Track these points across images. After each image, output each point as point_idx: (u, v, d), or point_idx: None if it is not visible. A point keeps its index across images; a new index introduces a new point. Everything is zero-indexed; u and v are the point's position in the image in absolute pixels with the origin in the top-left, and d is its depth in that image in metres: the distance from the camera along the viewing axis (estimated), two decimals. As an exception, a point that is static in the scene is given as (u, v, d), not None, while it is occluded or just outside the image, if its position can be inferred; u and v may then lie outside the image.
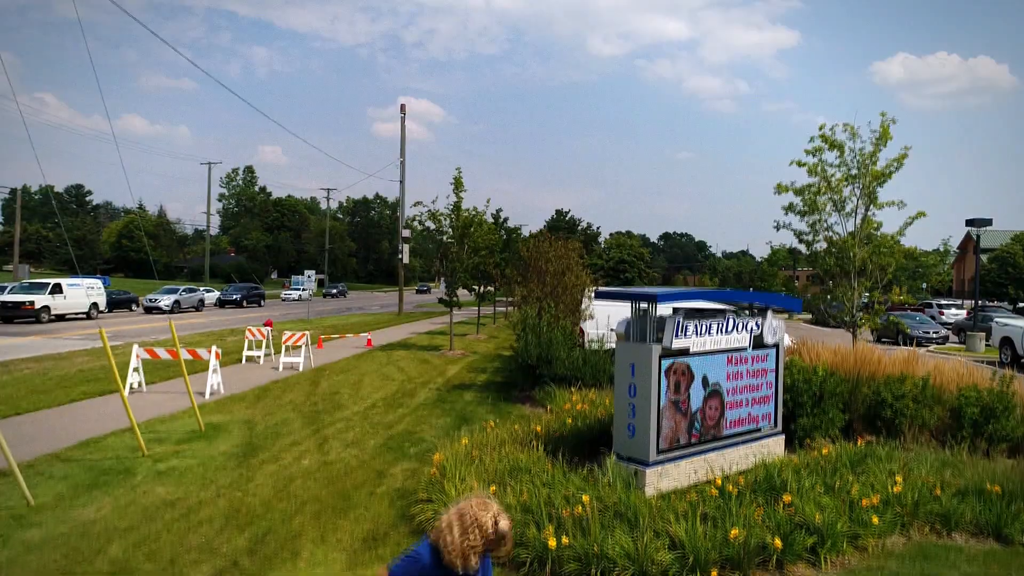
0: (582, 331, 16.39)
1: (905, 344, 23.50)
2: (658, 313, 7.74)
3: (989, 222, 27.07)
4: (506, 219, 34.66)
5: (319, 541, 6.72)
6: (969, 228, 27.49)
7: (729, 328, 8.29)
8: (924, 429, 9.74)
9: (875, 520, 6.55)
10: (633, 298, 7.75)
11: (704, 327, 7.96)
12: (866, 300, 13.21)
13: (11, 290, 31.84)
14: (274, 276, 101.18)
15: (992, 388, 10.10)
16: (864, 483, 7.29)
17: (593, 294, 16.77)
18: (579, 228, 61.02)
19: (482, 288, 28.57)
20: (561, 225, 58.07)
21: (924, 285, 68.81)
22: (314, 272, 35.33)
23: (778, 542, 5.84)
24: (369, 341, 24.47)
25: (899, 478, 7.36)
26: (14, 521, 7.11)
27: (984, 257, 54.02)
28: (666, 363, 7.73)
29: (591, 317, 15.41)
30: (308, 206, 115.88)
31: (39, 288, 31.60)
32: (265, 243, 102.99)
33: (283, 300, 58.77)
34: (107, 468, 9.02)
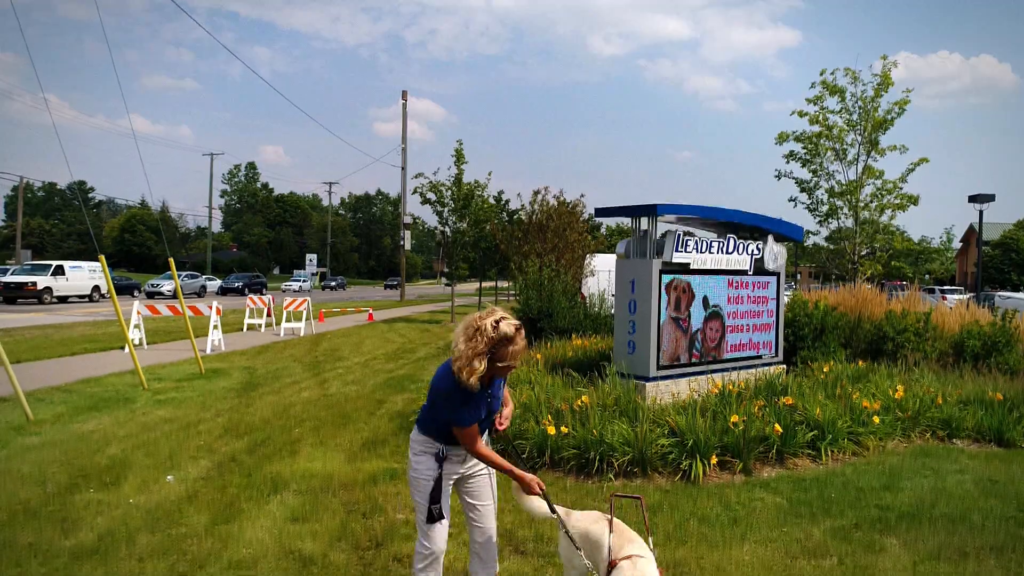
0: (583, 296, 16.36)
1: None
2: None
3: (992, 197, 26.92)
4: (507, 201, 34.55)
5: (318, 445, 6.71)
6: (972, 204, 27.36)
7: (730, 249, 8.26)
8: (926, 361, 9.69)
9: (876, 420, 6.52)
10: (633, 212, 7.72)
11: (705, 244, 7.93)
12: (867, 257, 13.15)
13: (13, 272, 31.88)
14: (276, 271, 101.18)
15: (995, 323, 10.06)
16: (865, 392, 7.25)
17: (594, 258, 16.75)
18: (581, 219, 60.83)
19: (483, 276, 28.53)
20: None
21: (927, 276, 68.66)
22: (315, 256, 35.25)
23: (778, 427, 5.82)
24: (371, 315, 24.47)
25: (900, 387, 7.32)
26: (14, 431, 7.11)
27: (986, 248, 53.90)
28: (666, 279, 7.70)
29: (592, 274, 15.38)
30: (310, 202, 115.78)
31: (41, 269, 31.59)
32: (267, 238, 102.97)
33: (283, 291, 58.86)
34: (107, 397, 9.02)
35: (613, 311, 8.76)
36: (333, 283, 73.34)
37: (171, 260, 10.38)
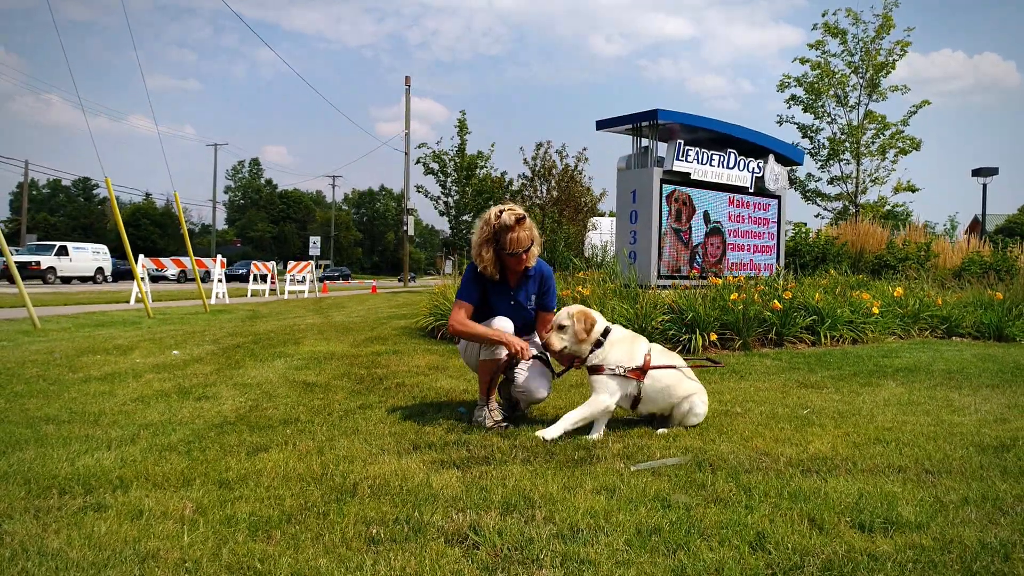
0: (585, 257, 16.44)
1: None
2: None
3: (995, 171, 26.91)
4: (511, 181, 34.53)
5: (322, 340, 6.77)
6: (976, 178, 27.29)
7: (730, 163, 8.30)
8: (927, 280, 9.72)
9: (875, 311, 6.55)
10: (635, 119, 7.77)
11: (705, 156, 7.98)
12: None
13: (17, 251, 31.99)
14: (279, 267, 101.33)
15: (996, 252, 10.10)
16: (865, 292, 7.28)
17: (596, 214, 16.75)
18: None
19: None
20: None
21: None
22: (319, 238, 35.30)
23: (777, 304, 5.86)
24: (374, 288, 24.58)
25: (899, 288, 7.36)
26: (21, 335, 7.19)
27: (989, 234, 53.89)
28: (667, 189, 7.76)
29: (594, 228, 15.44)
30: (314, 199, 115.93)
31: (46, 249, 31.68)
32: (271, 234, 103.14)
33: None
34: (112, 321, 9.11)
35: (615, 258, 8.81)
36: (334, 274, 73.61)
37: (176, 194, 10.45)
